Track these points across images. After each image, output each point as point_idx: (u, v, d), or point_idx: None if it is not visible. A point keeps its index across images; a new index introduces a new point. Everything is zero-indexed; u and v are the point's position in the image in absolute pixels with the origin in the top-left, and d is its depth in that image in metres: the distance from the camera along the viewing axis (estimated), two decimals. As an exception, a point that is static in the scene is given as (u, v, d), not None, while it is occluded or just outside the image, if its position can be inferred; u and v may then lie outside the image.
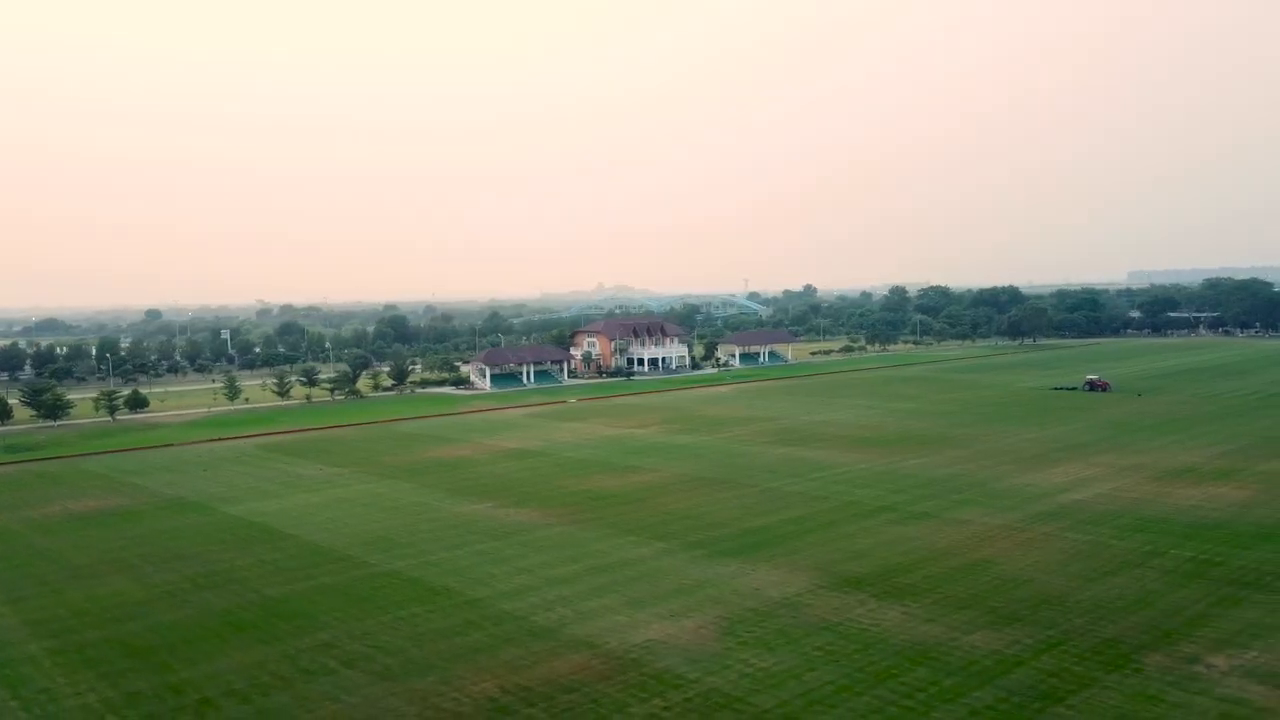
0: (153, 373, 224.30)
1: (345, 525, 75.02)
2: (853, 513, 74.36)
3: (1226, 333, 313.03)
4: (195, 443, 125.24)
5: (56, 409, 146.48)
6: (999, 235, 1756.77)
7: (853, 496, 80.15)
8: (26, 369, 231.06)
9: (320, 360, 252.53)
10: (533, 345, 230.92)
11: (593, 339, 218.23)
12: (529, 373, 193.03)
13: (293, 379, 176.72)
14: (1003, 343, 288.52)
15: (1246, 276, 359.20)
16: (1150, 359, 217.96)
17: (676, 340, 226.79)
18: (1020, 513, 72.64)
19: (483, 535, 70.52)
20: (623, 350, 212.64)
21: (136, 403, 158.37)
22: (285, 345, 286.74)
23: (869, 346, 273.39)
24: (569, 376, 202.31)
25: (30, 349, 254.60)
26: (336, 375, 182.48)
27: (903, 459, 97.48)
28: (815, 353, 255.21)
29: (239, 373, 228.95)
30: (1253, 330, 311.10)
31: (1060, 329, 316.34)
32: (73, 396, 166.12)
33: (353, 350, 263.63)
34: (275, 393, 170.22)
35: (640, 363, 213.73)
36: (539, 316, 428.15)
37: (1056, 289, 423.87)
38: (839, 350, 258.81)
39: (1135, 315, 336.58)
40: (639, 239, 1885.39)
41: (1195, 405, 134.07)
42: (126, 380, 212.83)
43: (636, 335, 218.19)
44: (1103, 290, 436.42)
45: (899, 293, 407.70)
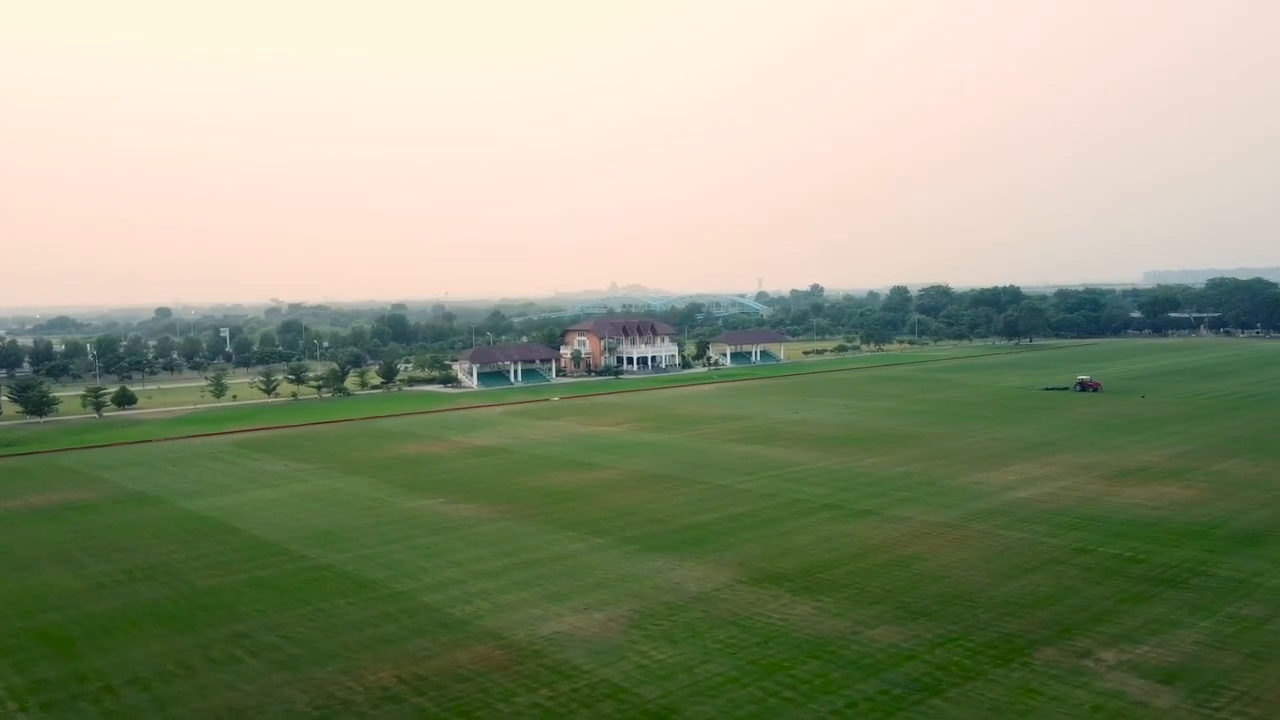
0: (148, 370, 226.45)
1: (294, 520, 76.02)
2: (795, 510, 74.84)
3: (1227, 333, 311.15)
4: (174, 439, 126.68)
5: (42, 405, 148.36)
6: (1014, 236, 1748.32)
7: (800, 494, 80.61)
8: (25, 366, 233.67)
9: (317, 359, 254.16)
10: (521, 344, 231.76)
11: (583, 338, 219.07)
12: (516, 371, 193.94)
13: (280, 377, 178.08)
14: (999, 343, 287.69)
15: (1268, 277, 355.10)
16: (1143, 359, 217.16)
17: (667, 339, 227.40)
18: (961, 510, 72.97)
19: (425, 530, 71.37)
20: (612, 349, 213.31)
21: (124, 399, 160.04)
22: (284, 344, 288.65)
23: (863, 346, 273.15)
24: (557, 375, 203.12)
25: (35, 346, 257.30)
26: (325, 373, 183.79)
27: (861, 457, 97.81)
28: (808, 352, 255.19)
29: (235, 371, 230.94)
30: (1254, 331, 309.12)
31: (1059, 329, 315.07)
32: (66, 394, 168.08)
33: (349, 349, 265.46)
34: (262, 390, 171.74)
35: (629, 361, 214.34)
36: (541, 316, 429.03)
37: (1057, 289, 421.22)
38: (832, 350, 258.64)
39: (1136, 315, 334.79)
40: (654, 239, 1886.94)
41: (1171, 405, 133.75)
42: (122, 378, 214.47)
43: (626, 334, 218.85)
44: (1108, 290, 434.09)
45: (900, 292, 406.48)
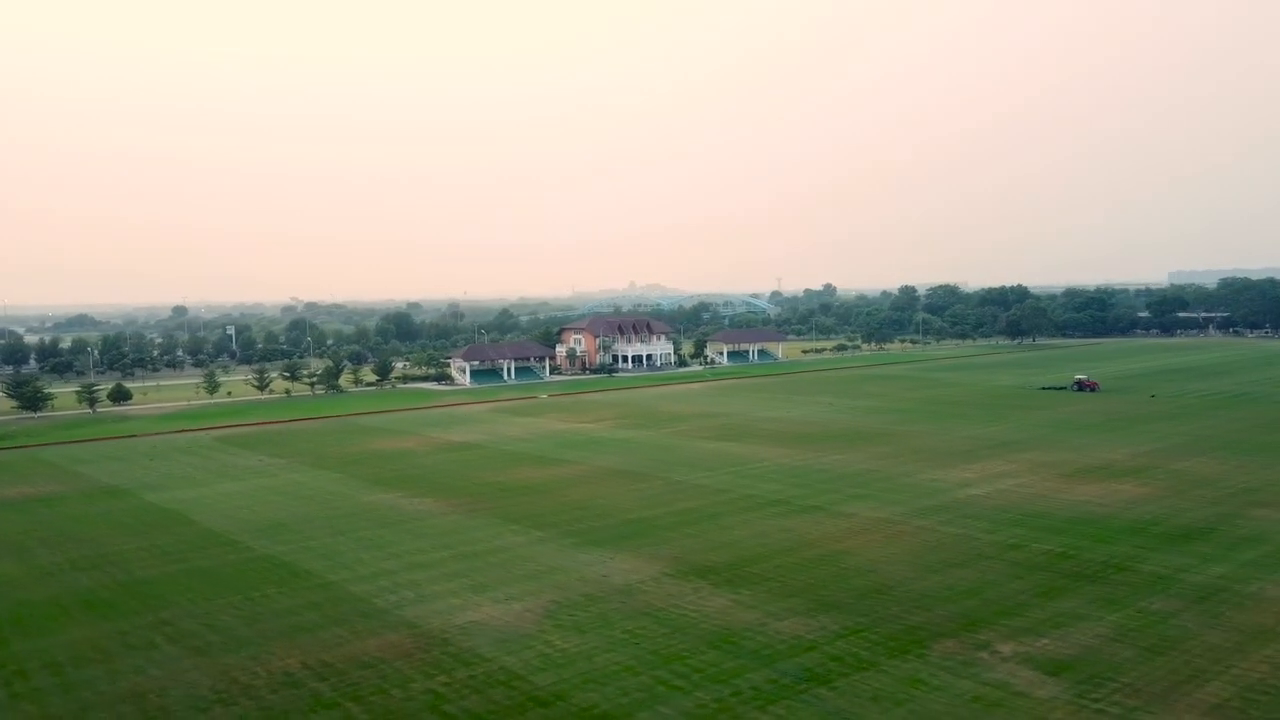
0: (151, 367, 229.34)
1: (251, 512, 77.20)
2: (743, 505, 75.26)
3: (1236, 333, 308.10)
4: (159, 434, 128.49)
5: (36, 400, 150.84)
6: (1031, 233, 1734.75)
7: (753, 490, 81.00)
8: (31, 362, 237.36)
9: (320, 356, 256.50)
10: (515, 342, 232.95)
11: (579, 336, 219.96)
12: (510, 369, 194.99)
13: (274, 374, 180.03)
14: (1003, 342, 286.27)
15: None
16: (1144, 359, 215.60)
17: (663, 338, 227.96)
18: (908, 507, 73.13)
19: (374, 523, 72.33)
20: (607, 347, 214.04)
21: (120, 395, 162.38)
22: (289, 341, 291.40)
23: (864, 345, 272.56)
24: (552, 373, 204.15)
25: (41, 343, 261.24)
26: (321, 370, 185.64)
27: (827, 454, 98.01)
28: (807, 351, 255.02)
29: (239, 368, 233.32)
30: (1263, 331, 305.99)
31: (1065, 328, 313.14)
32: (66, 390, 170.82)
33: (351, 347, 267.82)
34: (255, 387, 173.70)
35: (625, 360, 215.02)
36: (549, 315, 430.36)
37: (1065, 288, 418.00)
38: (832, 349, 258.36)
39: (1143, 315, 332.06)
40: (674, 237, 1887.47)
41: (1153, 405, 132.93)
42: (125, 375, 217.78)
43: (622, 333, 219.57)
44: (1121, 290, 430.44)
45: (908, 292, 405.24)
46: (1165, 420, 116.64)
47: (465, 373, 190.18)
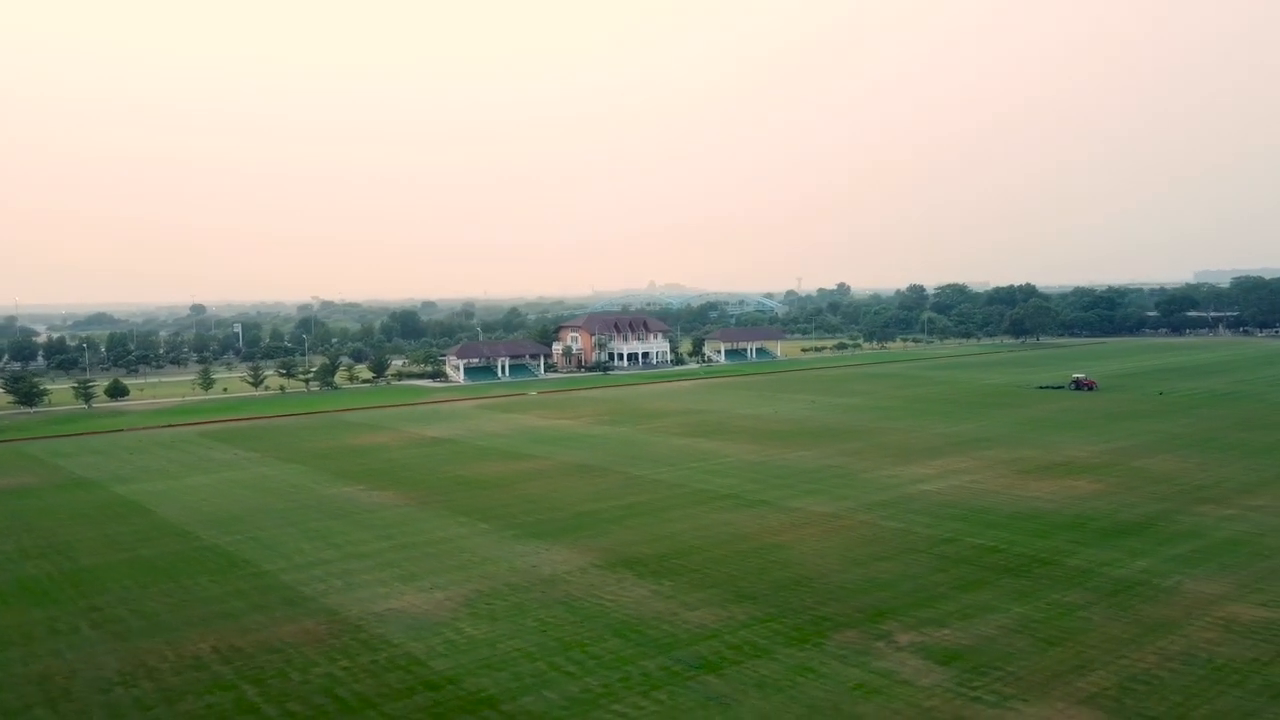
0: (155, 364, 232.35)
1: (210, 504, 78.46)
2: (693, 500, 75.75)
3: (1246, 332, 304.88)
4: (147, 429, 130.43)
5: (32, 396, 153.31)
6: (1046, 230, 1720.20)
7: (708, 485, 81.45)
8: (39, 359, 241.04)
9: (324, 354, 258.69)
10: (510, 340, 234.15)
11: (575, 334, 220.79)
12: (504, 366, 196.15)
13: (269, 371, 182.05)
14: (1007, 341, 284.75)
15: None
16: (1145, 358, 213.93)
17: (660, 336, 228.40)
18: (854, 502, 73.38)
19: (327, 515, 73.38)
20: (603, 345, 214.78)
21: (116, 391, 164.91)
22: (294, 339, 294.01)
23: (865, 344, 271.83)
24: (547, 371, 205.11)
25: (49, 341, 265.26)
26: (317, 367, 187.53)
27: (793, 451, 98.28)
28: (807, 349, 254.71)
29: (241, 365, 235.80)
30: (1273, 330, 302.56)
31: (1072, 328, 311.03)
32: (64, 386, 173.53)
33: (354, 344, 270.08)
34: (250, 384, 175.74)
35: (621, 358, 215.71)
36: (558, 313, 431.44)
37: (1075, 287, 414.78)
38: (832, 348, 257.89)
39: (1151, 315, 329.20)
40: (696, 236, 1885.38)
41: (1136, 403, 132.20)
42: (129, 371, 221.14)
43: (619, 330, 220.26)
44: (1134, 290, 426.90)
45: (917, 290, 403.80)
46: (1144, 418, 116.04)
47: (459, 370, 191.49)
